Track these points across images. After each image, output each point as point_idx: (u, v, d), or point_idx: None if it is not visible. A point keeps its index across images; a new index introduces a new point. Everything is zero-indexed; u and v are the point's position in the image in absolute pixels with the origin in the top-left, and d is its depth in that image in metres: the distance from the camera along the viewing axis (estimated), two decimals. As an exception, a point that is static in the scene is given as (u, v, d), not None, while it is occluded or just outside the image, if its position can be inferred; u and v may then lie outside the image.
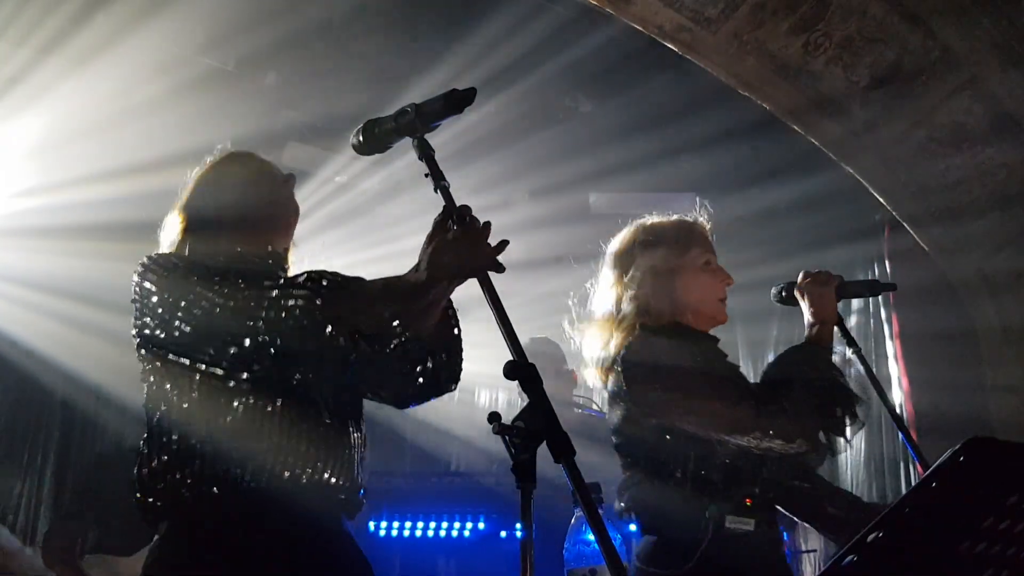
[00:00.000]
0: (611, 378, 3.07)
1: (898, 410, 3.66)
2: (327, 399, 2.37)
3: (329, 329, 2.12)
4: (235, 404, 2.22)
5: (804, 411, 2.90)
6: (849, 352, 3.17)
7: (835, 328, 3.14)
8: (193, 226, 2.52)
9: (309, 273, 2.23)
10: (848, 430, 3.01)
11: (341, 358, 2.29)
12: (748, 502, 2.89)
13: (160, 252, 2.48)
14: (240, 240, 2.48)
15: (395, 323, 2.29)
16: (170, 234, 2.55)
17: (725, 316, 3.21)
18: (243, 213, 2.50)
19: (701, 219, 3.32)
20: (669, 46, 4.66)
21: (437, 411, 2.49)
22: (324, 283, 2.19)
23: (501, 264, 1.98)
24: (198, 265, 2.34)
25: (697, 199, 6.56)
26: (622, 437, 3.07)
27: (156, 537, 2.29)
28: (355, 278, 2.29)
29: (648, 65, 5.29)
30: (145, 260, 2.38)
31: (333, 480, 2.31)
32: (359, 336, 2.26)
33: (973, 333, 5.64)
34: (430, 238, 2.07)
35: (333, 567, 2.31)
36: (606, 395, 3.14)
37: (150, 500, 2.26)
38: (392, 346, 2.34)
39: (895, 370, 6.15)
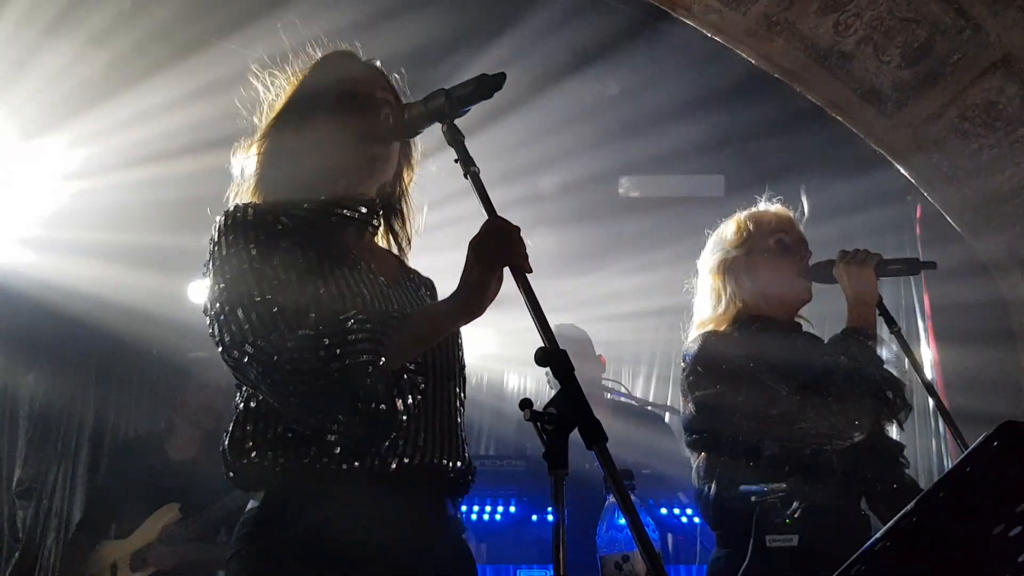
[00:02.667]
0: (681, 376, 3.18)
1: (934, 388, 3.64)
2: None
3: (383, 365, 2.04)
4: (320, 383, 2.04)
5: (851, 403, 2.90)
6: (888, 332, 3.16)
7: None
8: (272, 162, 2.38)
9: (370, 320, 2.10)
10: (901, 415, 3.02)
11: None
12: (788, 521, 2.89)
13: (240, 206, 2.29)
14: (328, 180, 2.33)
15: None
16: (248, 162, 2.41)
17: (805, 294, 3.22)
18: (330, 156, 2.34)
19: (775, 206, 3.35)
20: (698, 28, 4.63)
21: (467, 394, 2.46)
22: (384, 334, 2.06)
23: (529, 265, 1.96)
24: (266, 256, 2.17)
25: (724, 179, 6.62)
26: (689, 437, 3.16)
27: (251, 504, 2.20)
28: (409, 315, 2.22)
29: (678, 46, 5.27)
30: (221, 220, 2.23)
31: (443, 461, 2.22)
32: None
33: (1006, 313, 5.60)
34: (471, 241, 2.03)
35: (430, 551, 2.19)
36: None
37: (246, 467, 2.15)
38: None
39: (927, 350, 6.12)
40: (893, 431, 3.15)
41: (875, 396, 2.97)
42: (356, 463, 2.10)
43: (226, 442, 2.20)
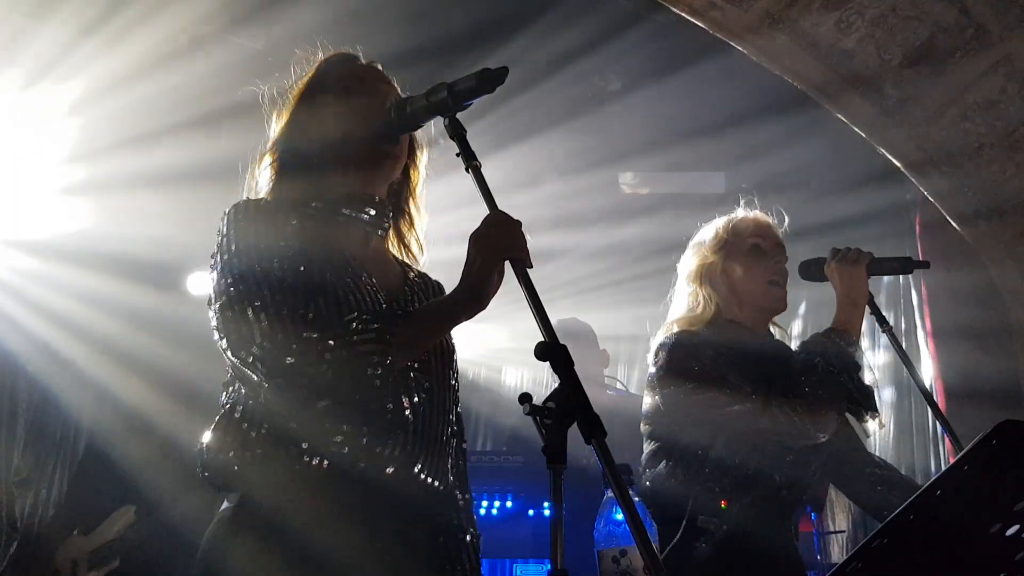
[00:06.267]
0: (649, 370, 3.21)
1: (928, 389, 3.64)
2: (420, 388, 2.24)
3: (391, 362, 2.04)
4: (328, 383, 2.06)
5: (818, 405, 2.92)
6: (880, 330, 3.17)
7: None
8: (284, 165, 2.37)
9: (377, 315, 2.12)
10: (867, 423, 3.04)
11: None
12: (724, 504, 2.93)
13: (247, 200, 2.31)
14: (338, 178, 2.34)
15: None
16: (263, 174, 2.40)
17: (779, 303, 3.23)
18: (338, 151, 2.34)
19: (754, 212, 3.36)
20: (699, 24, 4.63)
21: (464, 390, 2.46)
22: (392, 329, 2.06)
23: (530, 260, 1.96)
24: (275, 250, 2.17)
25: (724, 176, 6.63)
26: (648, 426, 3.18)
27: (225, 505, 2.18)
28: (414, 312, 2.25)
29: (679, 43, 5.27)
30: (229, 211, 2.23)
31: (423, 477, 2.18)
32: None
33: (1005, 312, 5.60)
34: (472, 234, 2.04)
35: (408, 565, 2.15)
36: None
37: (225, 468, 2.14)
38: None
39: (925, 349, 6.12)
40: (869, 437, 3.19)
41: (843, 401, 2.99)
42: (342, 470, 2.09)
43: (205, 440, 2.19)
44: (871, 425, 3.11)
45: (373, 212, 2.36)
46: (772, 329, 3.32)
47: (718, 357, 3.03)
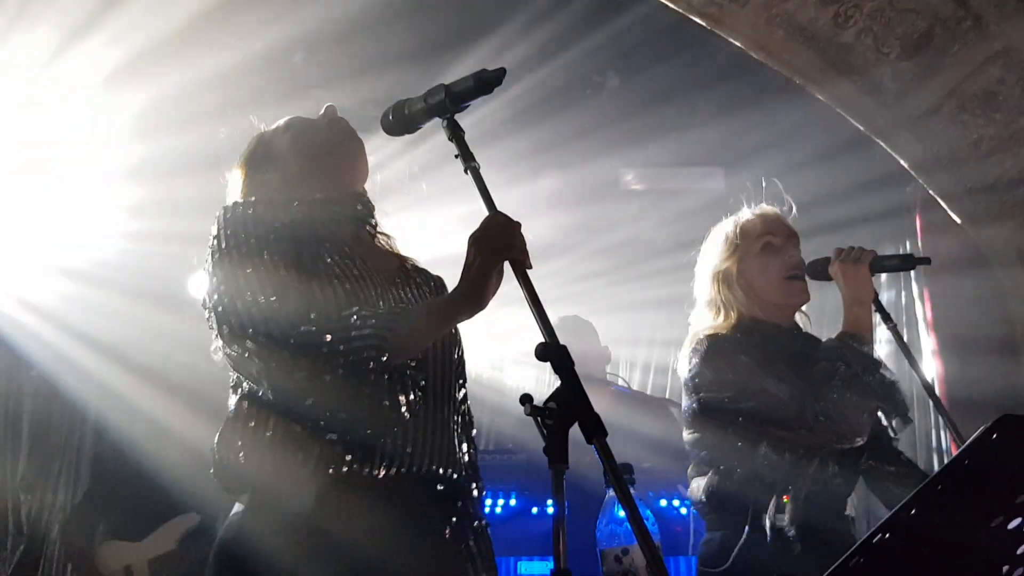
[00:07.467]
0: (683, 376, 3.20)
1: (930, 382, 3.65)
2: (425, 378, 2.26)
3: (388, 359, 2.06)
4: (325, 378, 2.07)
5: (850, 408, 2.93)
6: (884, 327, 3.17)
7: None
8: (261, 176, 2.44)
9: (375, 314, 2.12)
10: (896, 421, 3.05)
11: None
12: (786, 499, 2.93)
13: (236, 202, 2.37)
14: (317, 186, 2.40)
15: None
16: (234, 185, 2.47)
17: (800, 296, 3.23)
18: (312, 162, 2.41)
19: (762, 206, 3.36)
20: (697, 20, 4.62)
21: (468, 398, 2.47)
22: (389, 326, 2.07)
23: (529, 261, 1.97)
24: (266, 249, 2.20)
25: (723, 172, 6.62)
26: (692, 433, 3.18)
27: (237, 506, 2.20)
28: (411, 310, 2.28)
29: (677, 39, 5.26)
30: (222, 212, 2.27)
31: (438, 469, 2.21)
32: None
33: (1006, 305, 5.59)
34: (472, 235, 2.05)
35: (421, 563, 2.15)
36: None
37: (234, 469, 2.16)
38: None
39: (927, 345, 6.11)
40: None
41: (872, 401, 3.00)
42: (347, 468, 2.10)
43: (215, 442, 2.21)
44: (898, 422, 3.11)
45: (360, 207, 2.42)
46: (798, 318, 3.32)
47: (752, 363, 3.04)
